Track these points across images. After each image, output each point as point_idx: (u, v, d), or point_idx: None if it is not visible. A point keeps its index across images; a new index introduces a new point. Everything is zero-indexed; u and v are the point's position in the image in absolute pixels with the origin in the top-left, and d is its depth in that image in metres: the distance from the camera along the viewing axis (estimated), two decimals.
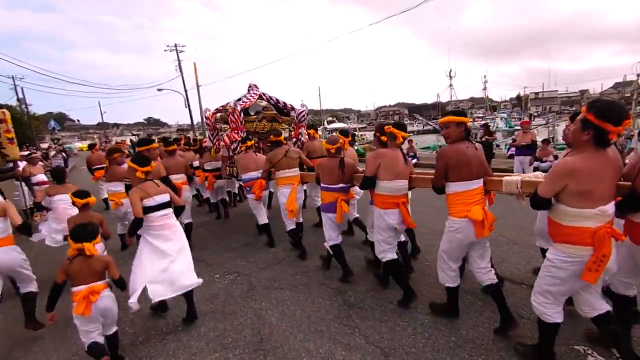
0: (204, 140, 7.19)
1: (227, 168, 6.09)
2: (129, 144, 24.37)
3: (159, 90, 28.71)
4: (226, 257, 4.86)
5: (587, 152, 1.97)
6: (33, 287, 3.30)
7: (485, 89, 49.31)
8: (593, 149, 1.96)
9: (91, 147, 9.48)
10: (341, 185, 3.75)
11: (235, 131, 5.72)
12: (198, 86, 27.61)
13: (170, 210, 3.19)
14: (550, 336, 2.30)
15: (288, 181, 4.63)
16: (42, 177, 7.54)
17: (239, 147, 5.59)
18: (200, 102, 28.76)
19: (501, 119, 31.20)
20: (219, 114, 6.22)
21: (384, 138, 3.28)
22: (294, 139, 6.37)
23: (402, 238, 3.70)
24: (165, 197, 3.15)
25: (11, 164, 7.93)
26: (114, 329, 2.69)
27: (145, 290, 2.87)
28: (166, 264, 3.00)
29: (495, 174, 2.95)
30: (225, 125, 6.42)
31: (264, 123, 6.38)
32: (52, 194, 4.48)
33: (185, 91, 29.39)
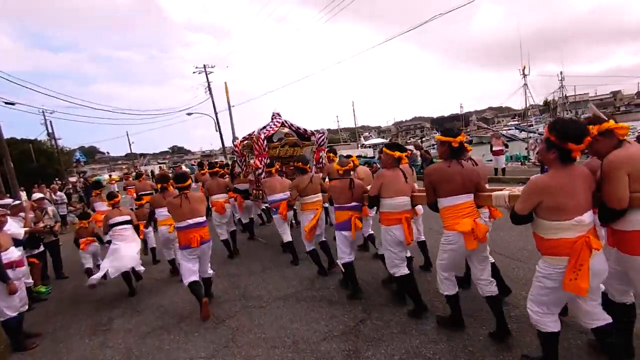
0: (234, 165, 7.82)
1: (254, 191, 6.64)
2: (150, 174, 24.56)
3: (188, 114, 27.94)
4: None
5: (555, 168, 2.13)
6: None
7: (562, 87, 43.22)
8: (561, 166, 2.10)
9: (138, 176, 11.02)
10: (353, 204, 4.02)
11: (260, 158, 6.27)
12: (230, 106, 26.35)
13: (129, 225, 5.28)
14: (550, 346, 2.34)
15: (313, 206, 4.94)
16: (12, 251, 3.94)
17: (264, 172, 6.12)
18: (232, 123, 27.18)
19: None
20: (245, 142, 6.81)
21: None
22: (315, 162, 6.83)
23: (408, 253, 3.81)
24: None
25: None
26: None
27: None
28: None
29: (494, 188, 3.10)
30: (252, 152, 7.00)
31: (286, 148, 6.91)
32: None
33: (216, 114, 28.24)
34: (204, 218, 4.29)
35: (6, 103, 16.09)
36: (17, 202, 5.61)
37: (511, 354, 2.75)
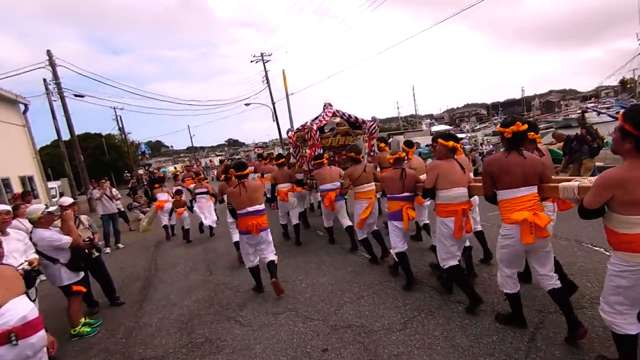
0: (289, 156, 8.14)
1: (308, 181, 6.90)
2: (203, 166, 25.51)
3: (246, 105, 27.65)
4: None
5: (631, 160, 1.95)
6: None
7: None
8: (638, 156, 1.92)
9: (221, 162, 13.47)
10: (405, 194, 4.00)
11: (313, 148, 6.47)
12: (288, 94, 24.39)
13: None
14: (627, 350, 2.17)
15: (366, 195, 4.89)
16: (12, 309, 2.21)
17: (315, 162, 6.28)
18: (289, 112, 25.27)
19: None
20: (299, 133, 7.03)
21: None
22: (367, 151, 6.88)
23: (467, 243, 3.76)
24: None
25: None
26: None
27: None
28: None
29: (561, 178, 2.90)
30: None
31: (338, 138, 6.95)
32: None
33: (273, 103, 27.42)
34: (262, 206, 4.35)
35: (75, 95, 16.73)
36: (51, 208, 4.28)
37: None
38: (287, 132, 7.19)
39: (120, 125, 34.39)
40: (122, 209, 9.98)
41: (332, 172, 5.68)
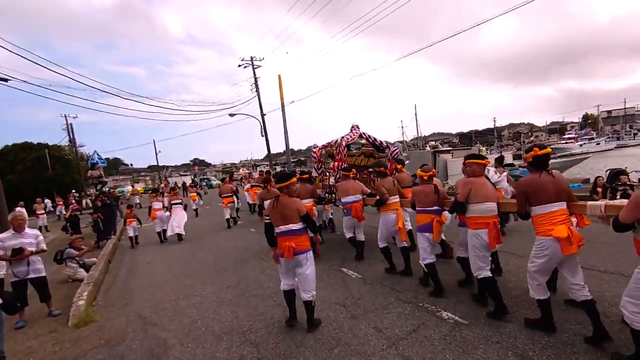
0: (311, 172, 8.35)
1: (327, 195, 7.07)
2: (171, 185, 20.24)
3: (230, 115, 24.43)
4: None
5: None
6: None
7: None
8: None
9: (223, 180, 14.35)
10: (436, 207, 4.31)
11: (339, 163, 6.73)
12: (283, 105, 21.14)
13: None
14: None
15: (394, 207, 5.24)
16: None
17: (340, 175, 6.53)
18: (285, 124, 21.24)
19: None
20: (324, 150, 7.33)
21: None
22: (389, 173, 7.13)
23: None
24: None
25: None
26: None
27: None
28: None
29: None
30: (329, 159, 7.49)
31: (361, 158, 7.35)
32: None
33: (262, 115, 24.57)
34: (298, 225, 3.73)
35: None
36: None
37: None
38: (313, 148, 7.48)
39: (71, 137, 30.29)
40: (43, 275, 4.99)
41: (356, 186, 5.96)
